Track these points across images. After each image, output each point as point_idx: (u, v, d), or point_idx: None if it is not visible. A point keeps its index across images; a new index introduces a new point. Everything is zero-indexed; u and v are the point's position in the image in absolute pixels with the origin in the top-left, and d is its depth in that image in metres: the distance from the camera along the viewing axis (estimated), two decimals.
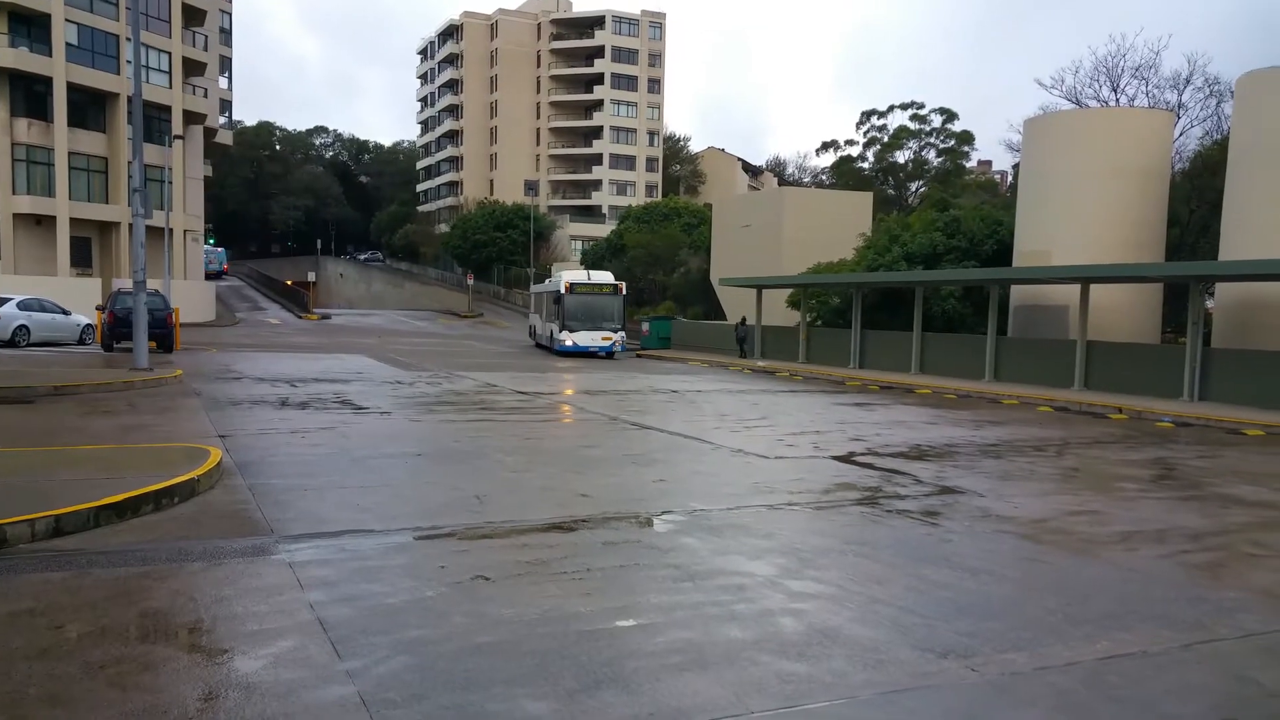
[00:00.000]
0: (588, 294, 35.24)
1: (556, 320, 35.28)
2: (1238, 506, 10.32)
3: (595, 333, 34.97)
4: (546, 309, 38.19)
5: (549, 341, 37.04)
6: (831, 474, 11.59)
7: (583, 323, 34.94)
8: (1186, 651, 5.69)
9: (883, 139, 62.67)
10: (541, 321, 40.02)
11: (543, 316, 39.57)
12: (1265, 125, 22.91)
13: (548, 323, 37.62)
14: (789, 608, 6.28)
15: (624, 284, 37.03)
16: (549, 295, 37.49)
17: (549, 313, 37.55)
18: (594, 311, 35.21)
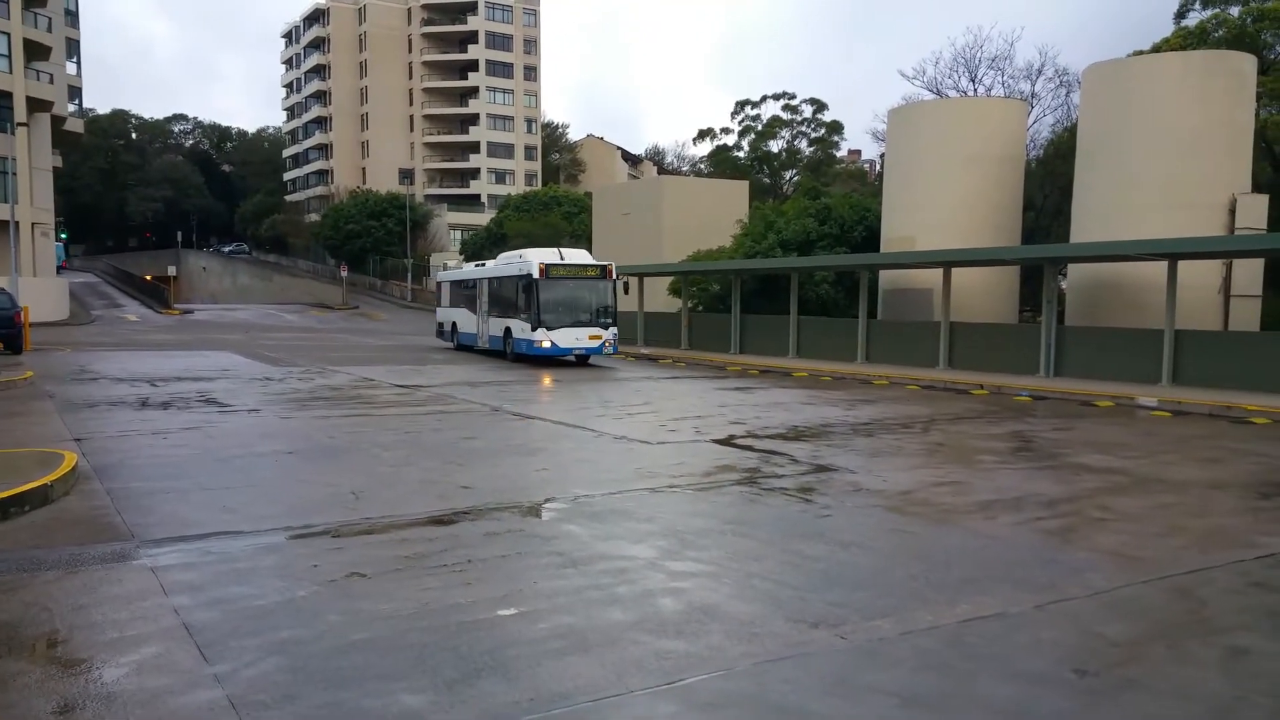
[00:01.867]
0: (568, 278, 26.40)
1: (523, 314, 26.46)
2: (1088, 474, 11.01)
3: (580, 330, 26.20)
4: (490, 300, 29.59)
5: (500, 343, 28.31)
6: (712, 457, 11.81)
7: (563, 317, 26.13)
8: (1040, 611, 6.06)
9: (757, 128, 63.92)
10: (476, 316, 30.94)
11: (480, 310, 30.51)
12: (1108, 114, 24.41)
13: (496, 318, 28.90)
14: (669, 587, 6.38)
15: (614, 265, 27.74)
16: (502, 282, 28.72)
17: (496, 305, 29.12)
18: (578, 302, 26.59)
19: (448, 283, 35.38)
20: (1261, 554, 7.44)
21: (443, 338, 35.13)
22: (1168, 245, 19.36)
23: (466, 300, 32.14)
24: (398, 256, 70.24)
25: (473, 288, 31.51)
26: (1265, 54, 29.99)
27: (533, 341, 26.01)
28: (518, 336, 27.00)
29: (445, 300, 35.11)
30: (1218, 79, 23.13)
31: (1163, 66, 24.65)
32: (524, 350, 26.72)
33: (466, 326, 32.07)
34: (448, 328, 34.42)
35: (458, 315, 33.12)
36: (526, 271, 26.28)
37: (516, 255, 28.85)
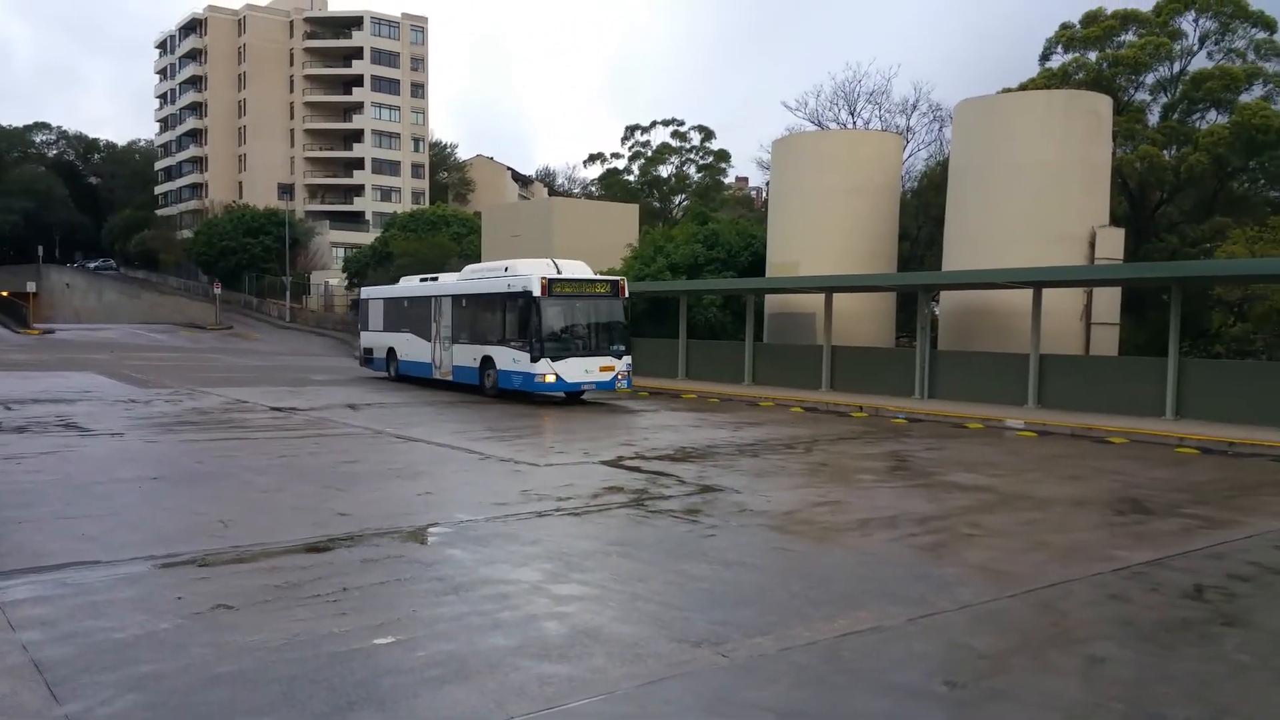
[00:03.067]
0: (574, 295, 21.65)
1: (515, 341, 21.48)
2: (959, 492, 11.45)
3: (589, 360, 21.41)
4: (456, 322, 24.40)
5: (473, 375, 23.35)
6: (600, 478, 11.78)
7: (568, 345, 21.38)
8: (912, 625, 6.24)
9: (647, 154, 64.61)
10: (429, 342, 25.72)
11: (437, 333, 25.26)
12: (978, 148, 25.66)
13: (465, 344, 23.84)
14: (553, 611, 6.31)
15: (625, 280, 23.14)
16: (476, 301, 23.71)
17: (466, 328, 24.01)
18: (585, 326, 21.98)
19: (379, 300, 29.53)
20: (1117, 567, 7.86)
21: (371, 366, 29.62)
22: (1033, 274, 20.44)
23: (412, 321, 26.81)
24: (275, 274, 67.90)
25: (423, 306, 26.16)
26: (1120, 96, 32.07)
27: (532, 375, 20.77)
28: (506, 368, 21.76)
29: (375, 321, 29.45)
30: (1078, 118, 24.61)
31: (1028, 104, 26.09)
32: (516, 385, 21.47)
33: (412, 353, 26.74)
34: (379, 354, 28.84)
35: (397, 340, 27.71)
36: (524, 289, 21.02)
37: (499, 268, 23.72)
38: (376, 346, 29.40)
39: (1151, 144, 31.78)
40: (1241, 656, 5.77)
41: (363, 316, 30.52)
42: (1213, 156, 30.23)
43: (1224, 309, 25.11)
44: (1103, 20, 33.89)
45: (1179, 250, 29.77)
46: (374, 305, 29.92)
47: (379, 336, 29.24)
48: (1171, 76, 33.81)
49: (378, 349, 29.26)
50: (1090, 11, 34.53)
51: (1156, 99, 34.36)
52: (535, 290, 20.83)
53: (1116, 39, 33.79)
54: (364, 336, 30.37)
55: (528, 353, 20.97)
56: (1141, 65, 33.16)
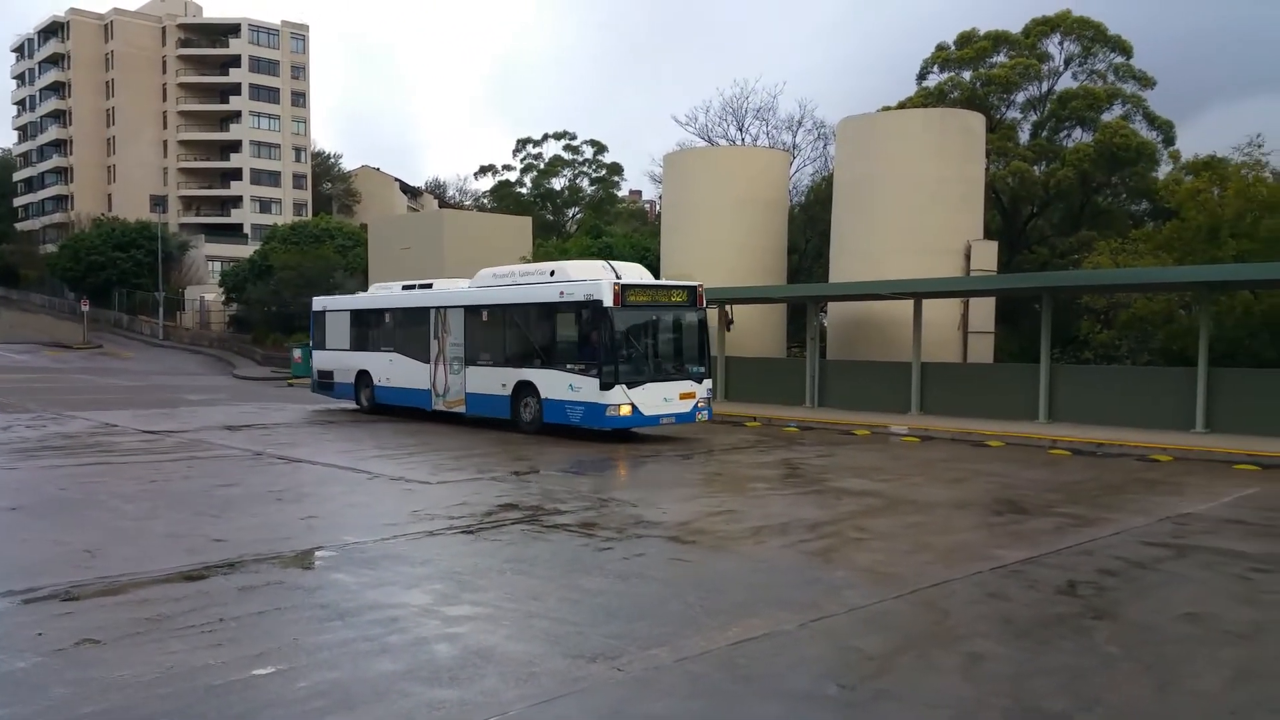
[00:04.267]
0: (649, 305, 17.56)
1: (573, 364, 17.13)
2: (848, 497, 11.71)
3: (668, 385, 17.35)
4: (473, 338, 19.65)
5: (501, 406, 18.74)
6: (495, 495, 11.59)
7: (643, 368, 17.33)
8: (803, 629, 6.32)
9: (539, 166, 64.50)
10: (426, 363, 20.87)
11: (440, 352, 20.44)
12: (861, 164, 26.48)
13: (487, 366, 19.16)
14: (444, 633, 6.15)
15: (703, 287, 18.76)
16: (511, 312, 18.91)
17: (490, 346, 19.33)
18: (662, 344, 18.15)
19: (343, 312, 24.15)
20: (996, 565, 8.15)
21: (330, 393, 24.47)
22: (913, 285, 21.18)
23: (397, 338, 22.03)
24: (148, 290, 64.81)
25: (416, 319, 21.22)
26: (993, 114, 33.61)
27: (601, 407, 16.47)
28: (557, 397, 17.34)
29: (335, 338, 24.14)
30: (953, 135, 25.66)
31: (907, 122, 27.08)
32: (575, 419, 17.05)
33: (397, 377, 21.68)
34: (344, 378, 23.58)
35: (372, 361, 22.69)
36: (589, 296, 16.67)
37: (540, 271, 19.18)
38: (339, 369, 23.87)
39: (1022, 160, 33.39)
40: (1111, 648, 6.05)
41: (317, 332, 25.09)
42: (1079, 172, 31.98)
43: (1091, 317, 26.48)
44: (976, 41, 35.50)
45: (1049, 261, 31.33)
46: (334, 319, 24.37)
47: (343, 357, 23.76)
48: (1040, 96, 35.65)
49: (341, 372, 23.78)
50: (964, 32, 36.13)
51: (1027, 117, 36.18)
52: (607, 299, 16.39)
53: (989, 59, 35.43)
54: (319, 357, 24.96)
55: (595, 378, 16.47)
56: (1012, 85, 34.87)
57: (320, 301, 25.69)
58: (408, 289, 22.42)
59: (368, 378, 22.87)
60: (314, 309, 25.29)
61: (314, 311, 25.29)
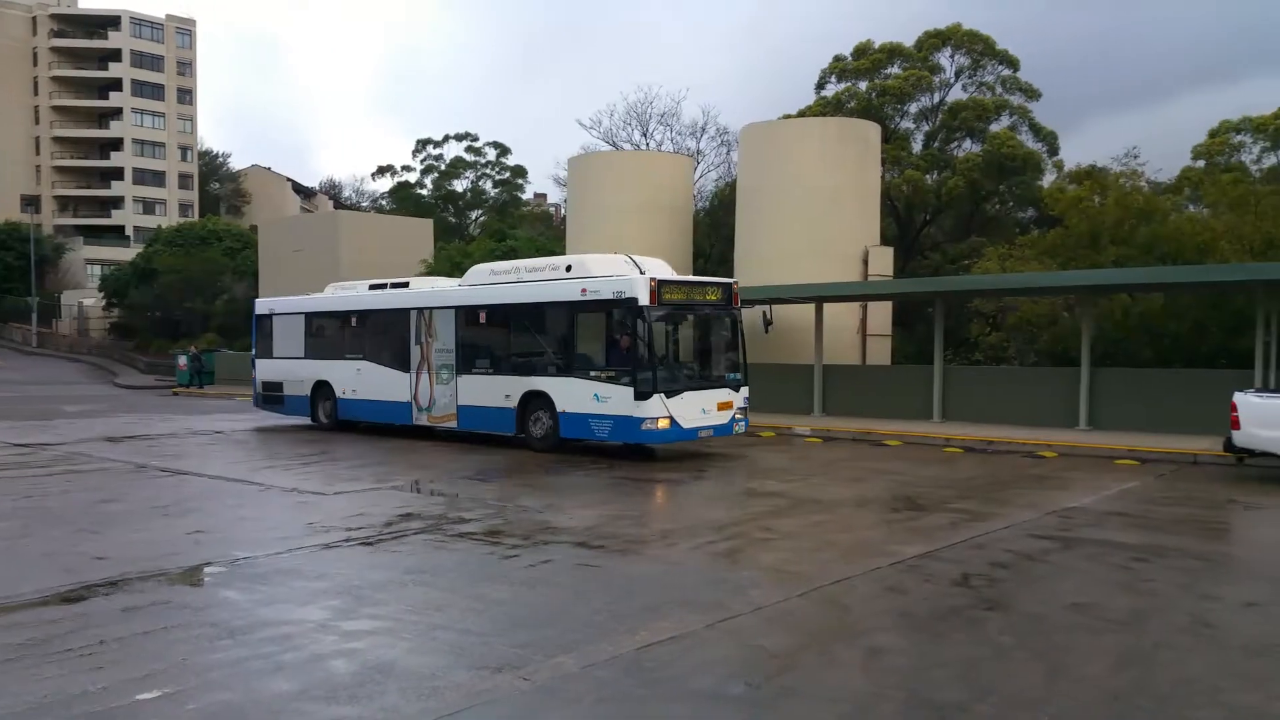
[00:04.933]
0: (684, 305, 15.60)
1: (598, 370, 15.26)
2: (753, 498, 11.85)
3: (704, 395, 15.45)
4: (467, 344, 17.51)
5: (504, 420, 16.64)
6: (395, 504, 11.31)
7: (679, 375, 15.55)
8: (710, 630, 6.35)
9: (440, 168, 63.45)
10: (405, 373, 18.54)
11: (423, 360, 18.20)
12: (763, 171, 26.91)
13: (486, 374, 17.08)
14: (342, 649, 5.96)
15: (738, 284, 16.83)
16: (519, 314, 16.79)
17: (490, 352, 17.27)
18: (697, 348, 16.44)
19: (294, 315, 21.39)
20: (894, 561, 8.35)
21: (276, 407, 21.74)
22: (814, 290, 21.63)
23: (368, 345, 19.60)
24: (19, 295, 61.25)
25: (393, 322, 18.88)
26: (888, 124, 34.61)
27: (636, 420, 14.50)
28: (578, 410, 15.33)
29: (285, 344, 21.44)
30: (850, 144, 26.31)
31: (806, 131, 27.65)
32: (602, 434, 15.11)
33: (368, 389, 19.30)
34: (299, 389, 20.84)
35: (335, 371, 20.05)
36: (619, 294, 14.75)
37: (553, 266, 16.84)
38: (291, 380, 21.15)
39: (916, 169, 34.49)
40: (1003, 638, 6.25)
41: (261, 339, 22.24)
42: (969, 181, 33.20)
43: (981, 320, 27.50)
44: (871, 53, 36.50)
45: (941, 267, 32.42)
46: (283, 324, 21.64)
47: (295, 366, 21.05)
48: (932, 106, 36.89)
49: (293, 384, 21.12)
50: (860, 44, 37.11)
51: (920, 127, 37.39)
52: (642, 297, 14.45)
53: (884, 71, 36.48)
54: (264, 367, 22.03)
55: (627, 387, 14.56)
56: (906, 96, 35.98)
57: (265, 304, 22.97)
58: (377, 288, 20.13)
59: (328, 390, 20.25)
60: (257, 312, 22.61)
61: (257, 315, 22.50)
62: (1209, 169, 29.98)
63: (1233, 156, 31.41)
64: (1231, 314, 19.68)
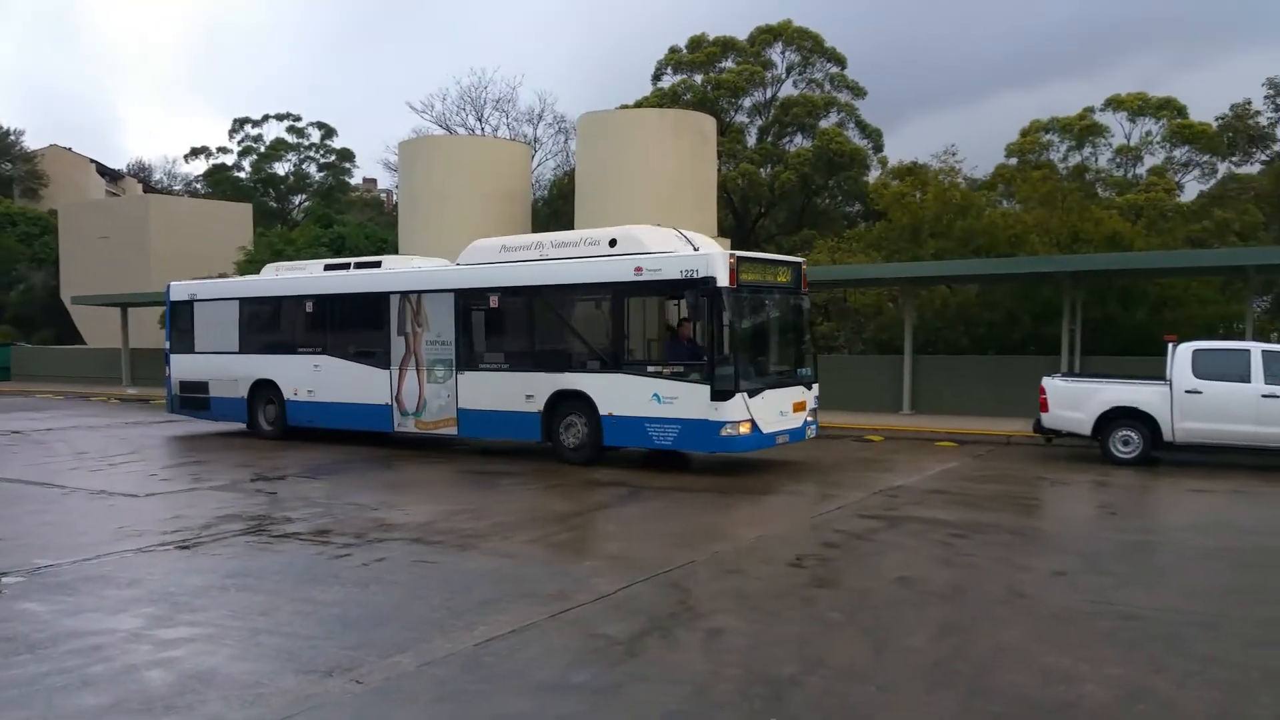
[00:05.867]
0: (762, 289, 13.40)
1: (665, 369, 12.82)
2: (598, 489, 11.84)
3: (783, 393, 13.31)
4: (470, 336, 14.89)
5: (528, 425, 13.99)
6: (214, 506, 10.66)
7: (756, 371, 13.24)
8: (551, 621, 6.29)
9: (260, 149, 60.12)
10: (386, 369, 15.63)
11: (409, 354, 15.38)
12: (601, 160, 26.99)
13: (499, 371, 14.47)
14: (157, 659, 5.55)
15: (805, 263, 15.21)
16: (550, 296, 14.10)
17: (503, 346, 14.70)
18: (773, 339, 14.22)
19: (230, 301, 18.08)
20: (733, 544, 8.55)
21: (199, 411, 18.62)
22: None
23: (329, 337, 16.59)
24: None
25: (364, 310, 16.08)
26: (723, 117, 35.44)
27: (715, 426, 12.22)
28: (635, 413, 12.86)
29: (214, 337, 18.15)
30: (687, 136, 26.76)
31: (643, 121, 27.94)
32: (665, 441, 12.76)
33: (331, 388, 16.33)
34: (231, 390, 17.72)
35: (284, 367, 17.02)
36: (692, 272, 12.35)
37: (594, 240, 13.92)
38: (220, 379, 17.92)
39: (750, 162, 35.46)
40: (833, 614, 6.50)
41: (178, 331, 18.82)
42: (800, 175, 34.42)
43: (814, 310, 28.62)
44: (706, 46, 37.24)
45: None
46: (209, 312, 18.25)
47: (227, 363, 17.80)
48: (765, 101, 38.01)
49: (222, 383, 17.87)
50: (694, 37, 37.80)
51: (754, 121, 38.47)
52: (722, 276, 12.11)
53: (718, 64, 37.30)
54: (182, 364, 18.60)
55: (702, 385, 12.25)
56: (740, 90, 36.92)
57: (183, 288, 19.06)
58: (334, 269, 17.24)
59: (272, 390, 17.11)
60: (172, 298, 18.99)
61: (173, 302, 18.91)
62: (1020, 166, 32.28)
63: (1042, 155, 33.93)
64: (1040, 303, 21.25)
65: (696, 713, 4.83)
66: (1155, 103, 33.76)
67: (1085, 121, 34.15)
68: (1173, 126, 33.08)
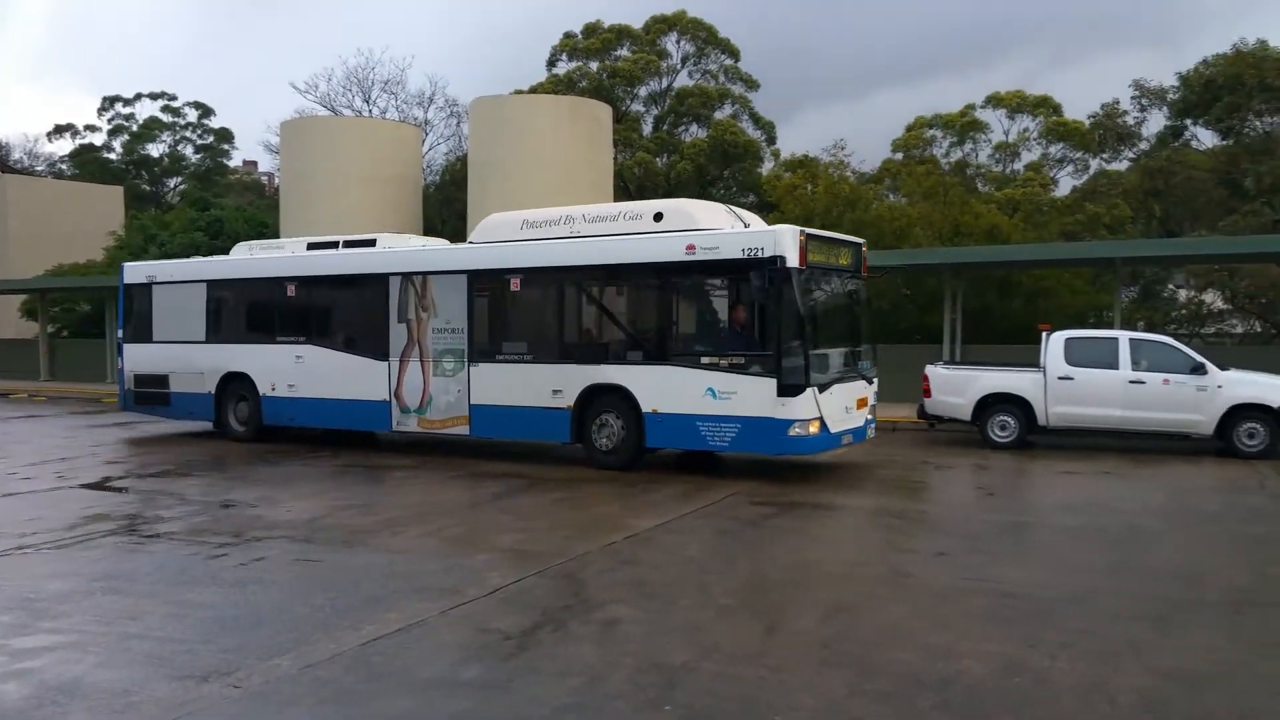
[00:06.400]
0: (828, 270, 11.98)
1: (721, 358, 11.38)
2: (491, 480, 11.65)
3: (848, 388, 12.05)
4: (486, 323, 13.55)
5: (556, 425, 12.47)
6: (80, 505, 10.07)
7: (825, 364, 11.72)
8: (442, 617, 6.14)
9: (132, 129, 57.07)
10: (374, 363, 14.08)
11: (402, 350, 13.83)
12: (495, 145, 26.57)
13: (524, 362, 12.85)
14: (13, 670, 5.18)
15: (865, 244, 13.35)
16: (581, 277, 12.80)
17: (523, 334, 13.18)
18: (837, 328, 12.75)
19: (197, 284, 16.13)
20: (629, 535, 8.52)
21: (157, 407, 16.72)
22: None
23: (314, 324, 14.96)
24: None
25: (358, 294, 14.59)
26: (619, 106, 35.36)
27: (782, 425, 10.94)
28: (686, 409, 11.55)
29: (176, 325, 16.20)
30: (583, 123, 26.60)
31: (538, 107, 27.65)
32: (721, 443, 11.46)
33: (317, 383, 14.66)
34: (195, 385, 15.85)
35: (260, 358, 15.30)
36: (756, 250, 11.06)
37: (635, 214, 12.54)
38: (182, 373, 16.04)
39: (646, 152, 35.53)
40: (726, 600, 6.54)
41: (132, 316, 16.81)
42: (696, 165, 34.67)
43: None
44: (601, 33, 37.10)
45: None
46: (171, 296, 16.33)
47: (191, 354, 15.91)
48: (661, 91, 38.13)
49: (186, 376, 15.98)
50: (590, 24, 37.63)
51: (650, 110, 38.54)
52: (791, 255, 10.84)
53: (614, 52, 37.21)
54: (135, 354, 16.64)
55: (767, 378, 10.93)
56: (635, 79, 36.93)
57: (139, 269, 17.09)
58: (318, 248, 15.37)
59: (245, 385, 15.32)
60: (127, 280, 16.89)
61: (127, 285, 16.84)
62: (906, 161, 33.24)
63: (926, 150, 35.01)
64: (924, 293, 21.93)
65: (589, 704, 4.78)
66: (1032, 101, 35.23)
67: (967, 118, 35.40)
68: (1048, 124, 34.57)
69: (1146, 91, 30.65)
